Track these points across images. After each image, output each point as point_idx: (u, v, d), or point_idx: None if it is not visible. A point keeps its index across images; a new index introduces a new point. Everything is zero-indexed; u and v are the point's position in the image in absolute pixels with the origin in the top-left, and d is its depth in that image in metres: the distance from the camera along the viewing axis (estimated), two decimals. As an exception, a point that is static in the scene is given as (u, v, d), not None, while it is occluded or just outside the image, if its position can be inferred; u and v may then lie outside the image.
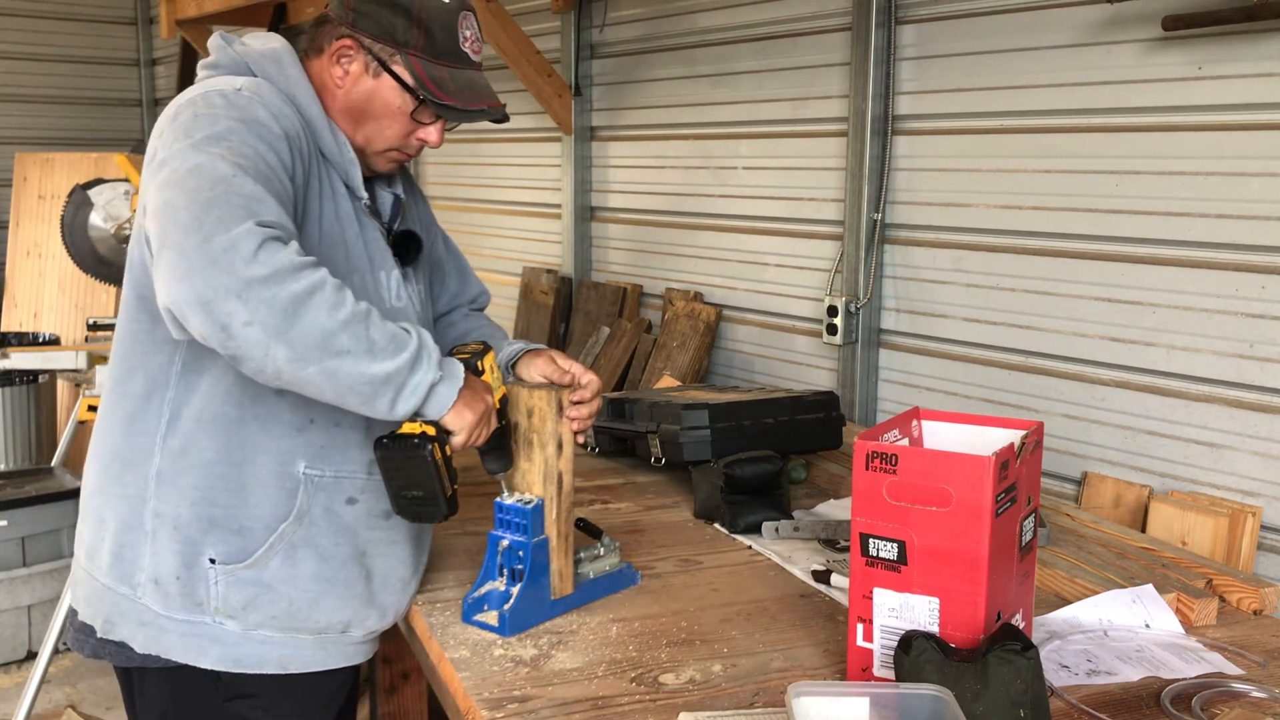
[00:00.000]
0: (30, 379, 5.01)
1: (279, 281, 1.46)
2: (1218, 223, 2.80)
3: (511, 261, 5.66)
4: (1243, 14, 2.61)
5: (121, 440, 1.73)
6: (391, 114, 1.76)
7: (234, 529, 1.70)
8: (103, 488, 1.75)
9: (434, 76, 1.74)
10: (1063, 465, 3.19)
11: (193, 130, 1.56)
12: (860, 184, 3.65)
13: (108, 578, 1.73)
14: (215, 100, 1.61)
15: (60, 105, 8.80)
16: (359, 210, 1.79)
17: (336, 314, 1.50)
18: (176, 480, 1.69)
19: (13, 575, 4.14)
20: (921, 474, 1.48)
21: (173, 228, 1.46)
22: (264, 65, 1.74)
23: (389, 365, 1.55)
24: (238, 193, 1.49)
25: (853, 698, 1.38)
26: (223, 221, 1.45)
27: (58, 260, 6.42)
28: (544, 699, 1.57)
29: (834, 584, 1.99)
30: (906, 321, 3.65)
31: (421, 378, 1.59)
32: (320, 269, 1.53)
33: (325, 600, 1.75)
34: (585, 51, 4.98)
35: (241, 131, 1.58)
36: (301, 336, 1.48)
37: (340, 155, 1.76)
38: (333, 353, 1.50)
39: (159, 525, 1.70)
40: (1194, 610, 1.88)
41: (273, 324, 1.46)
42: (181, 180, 1.50)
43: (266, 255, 1.46)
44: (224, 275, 1.43)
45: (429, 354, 1.60)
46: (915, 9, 3.50)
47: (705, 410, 2.47)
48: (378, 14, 1.73)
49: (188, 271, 1.44)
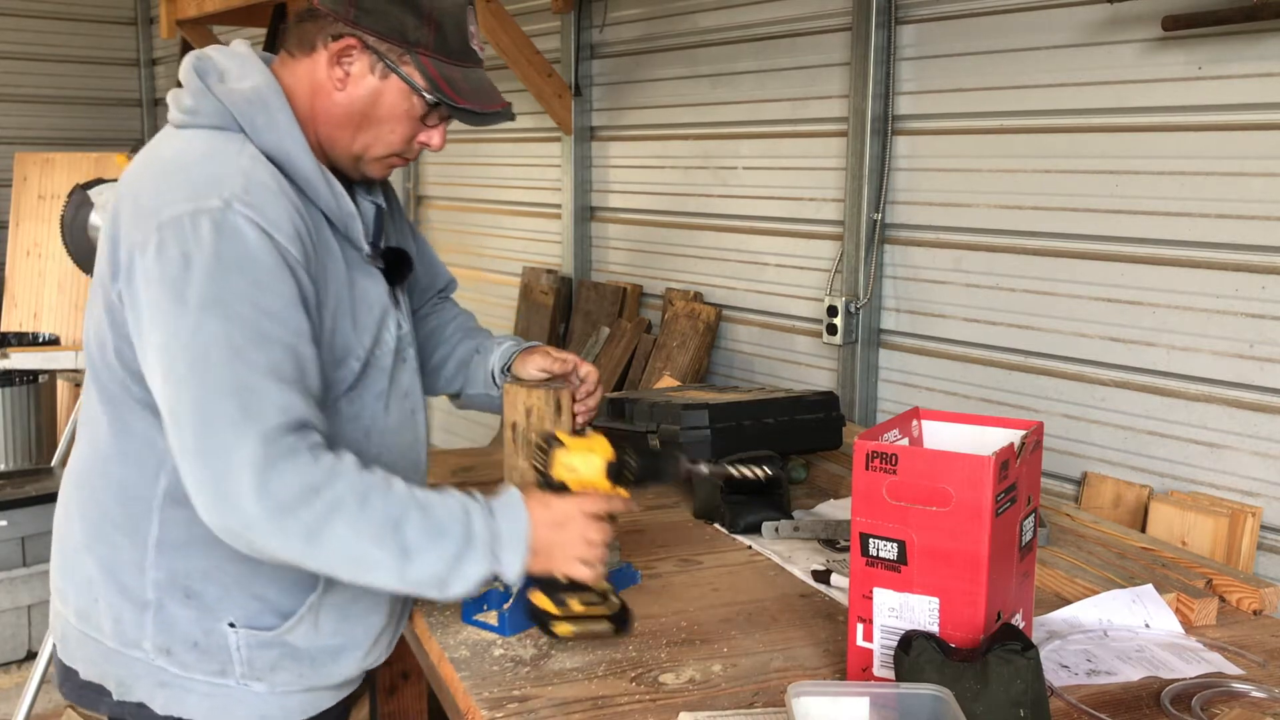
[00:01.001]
0: (30, 379, 5.01)
1: (290, 513, 1.42)
2: (1218, 223, 2.80)
3: (511, 261, 5.65)
4: (1243, 14, 2.60)
5: (113, 503, 1.62)
6: (397, 118, 1.63)
7: (252, 594, 1.61)
8: (91, 547, 1.63)
9: (447, 78, 1.61)
10: (1063, 465, 3.18)
11: (182, 285, 1.45)
12: (860, 184, 3.64)
13: (113, 641, 1.63)
14: (205, 236, 1.46)
15: (60, 105, 8.80)
16: (355, 264, 1.66)
17: (362, 531, 1.45)
18: (181, 550, 1.59)
19: (13, 575, 4.15)
20: (921, 474, 1.48)
21: (183, 453, 1.45)
22: (251, 115, 1.57)
23: (430, 569, 1.48)
24: (235, 393, 1.42)
25: (853, 698, 1.38)
26: (224, 444, 1.41)
27: (58, 260, 6.42)
28: (544, 699, 1.57)
29: (834, 584, 1.99)
30: (906, 321, 3.65)
31: (471, 569, 1.51)
32: (337, 479, 1.45)
33: (346, 655, 1.70)
34: (585, 51, 4.98)
35: (239, 282, 1.46)
36: (328, 560, 1.46)
37: (338, 209, 1.63)
38: (365, 568, 1.47)
39: (164, 595, 1.60)
40: (1194, 610, 1.88)
41: (292, 551, 1.45)
42: (182, 375, 1.44)
43: (276, 483, 1.41)
44: (234, 514, 1.42)
45: (476, 543, 1.51)
46: (915, 9, 3.50)
47: (705, 410, 2.47)
48: (385, 10, 1.58)
49: (205, 508, 1.44)
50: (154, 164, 1.59)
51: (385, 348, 1.71)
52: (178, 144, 1.60)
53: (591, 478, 1.60)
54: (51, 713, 3.76)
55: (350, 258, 1.66)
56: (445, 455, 2.92)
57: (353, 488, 1.46)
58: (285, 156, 1.58)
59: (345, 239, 1.65)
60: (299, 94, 1.63)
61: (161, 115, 9.20)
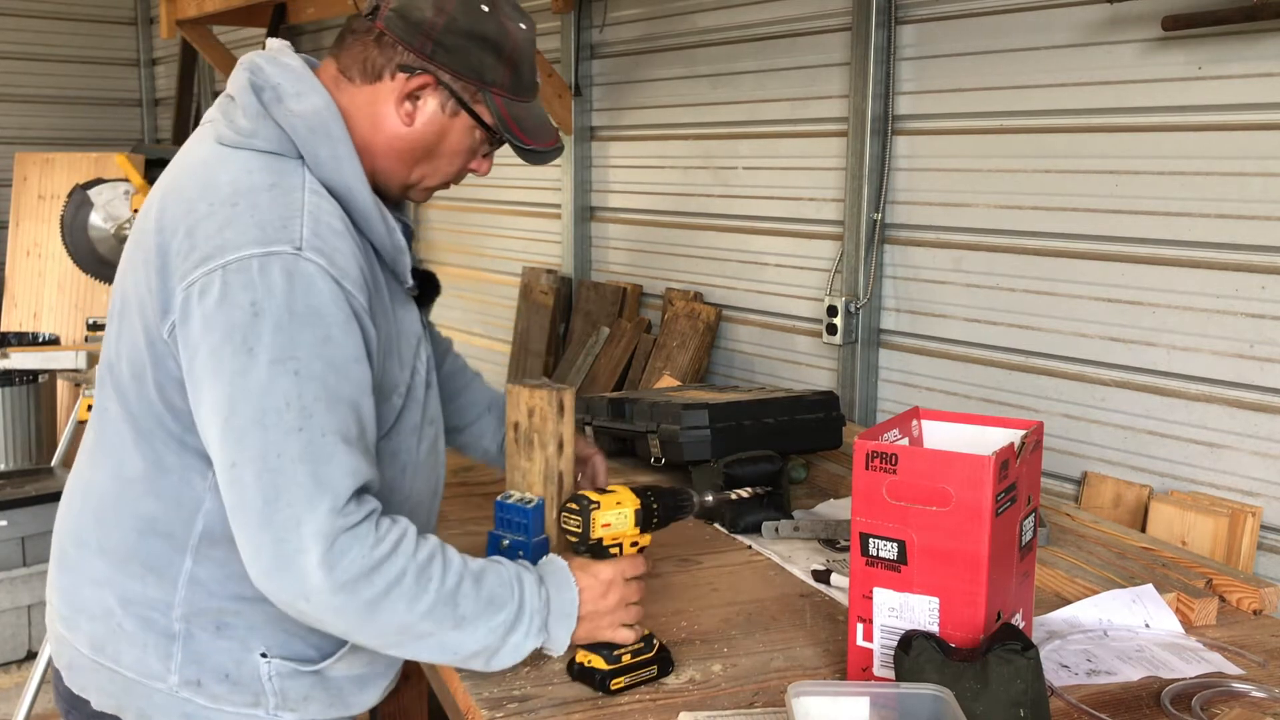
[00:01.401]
0: (30, 379, 5.01)
1: (353, 591, 1.39)
2: (1218, 223, 2.80)
3: (511, 261, 5.65)
4: (1243, 14, 2.61)
5: (140, 539, 1.54)
6: (459, 153, 1.59)
7: (284, 627, 1.55)
8: (113, 581, 1.56)
9: (516, 116, 1.57)
10: (1063, 465, 3.19)
11: (251, 335, 1.37)
12: (860, 184, 3.65)
13: (133, 673, 1.56)
14: (276, 283, 1.38)
15: (60, 105, 8.81)
16: (396, 296, 1.60)
17: (416, 606, 1.43)
18: (213, 586, 1.53)
19: (13, 575, 4.15)
20: (921, 474, 1.48)
21: (242, 512, 1.39)
22: (314, 146, 1.49)
23: (481, 641, 1.47)
24: (307, 458, 1.37)
25: (853, 697, 1.38)
26: (296, 514, 1.36)
27: (58, 260, 6.42)
28: (544, 699, 1.57)
29: (834, 584, 1.99)
30: (906, 321, 3.65)
31: (520, 640, 1.50)
32: (398, 552, 1.42)
33: (372, 684, 1.68)
34: (585, 51, 4.98)
35: (309, 337, 1.39)
36: (379, 632, 1.44)
37: (391, 245, 1.55)
38: (414, 637, 1.45)
39: (194, 628, 1.54)
40: (1194, 610, 1.88)
41: (344, 627, 1.43)
42: (246, 429, 1.37)
43: (336, 559, 1.37)
44: (295, 583, 1.38)
45: (526, 614, 1.50)
46: (915, 9, 3.50)
47: (705, 410, 2.47)
48: (466, 49, 1.51)
49: (260, 573, 1.40)
50: (209, 190, 1.46)
51: (419, 378, 1.67)
52: (234, 169, 1.47)
53: (625, 530, 1.62)
54: (51, 713, 3.76)
55: (393, 290, 1.60)
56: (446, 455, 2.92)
57: (413, 565, 1.44)
58: (346, 191, 1.50)
59: (390, 272, 1.59)
60: (358, 122, 1.54)
61: (162, 115, 9.25)
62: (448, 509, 2.34)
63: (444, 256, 6.23)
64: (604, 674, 1.58)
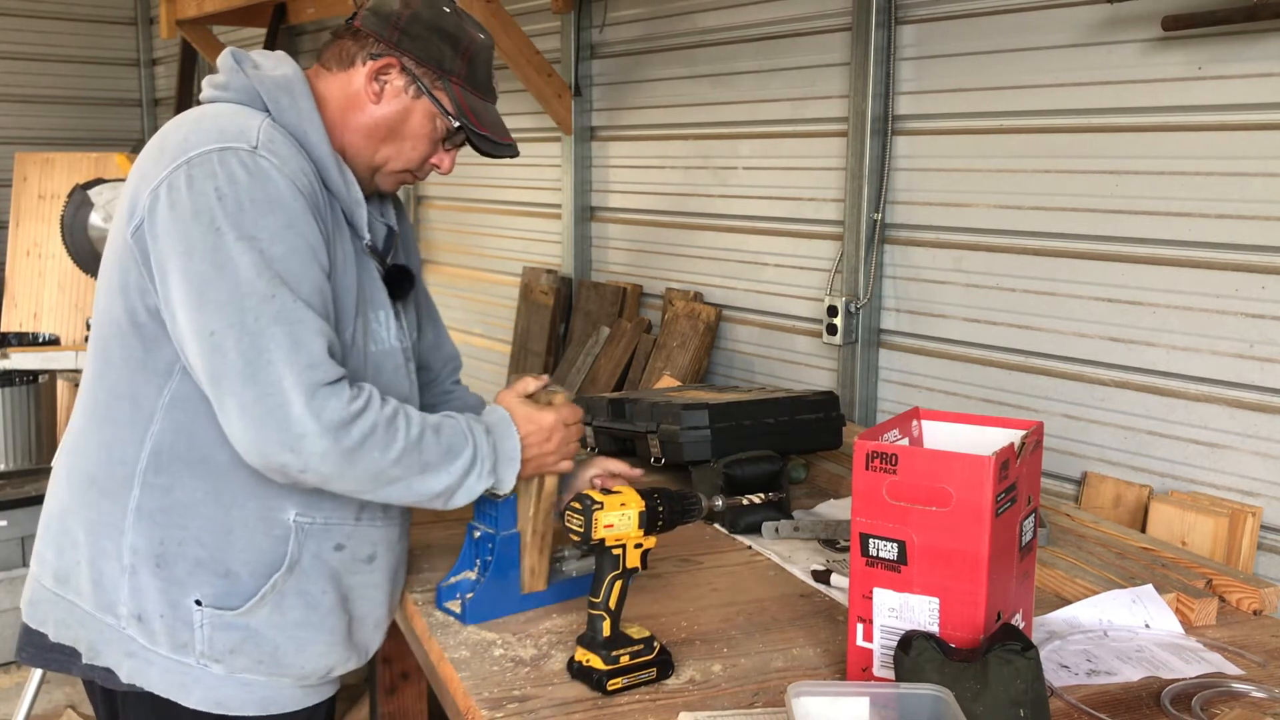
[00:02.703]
0: (30, 379, 5.01)
1: (331, 437, 1.53)
2: (1218, 223, 2.80)
3: (511, 261, 5.66)
4: (1243, 14, 2.61)
5: (97, 466, 1.67)
6: (420, 136, 1.76)
7: (220, 572, 1.65)
8: (74, 510, 1.69)
9: (473, 107, 1.76)
10: (1063, 465, 3.19)
11: (218, 215, 1.53)
12: (860, 184, 3.65)
13: (90, 605, 1.68)
14: (237, 173, 1.56)
15: (60, 105, 8.81)
16: (359, 249, 1.75)
17: (388, 453, 1.58)
18: (158, 517, 1.64)
19: (13, 575, 4.15)
20: (921, 474, 1.48)
21: (225, 375, 1.52)
22: (276, 95, 1.68)
23: (441, 483, 1.65)
24: (282, 320, 1.52)
25: (853, 698, 1.38)
26: (273, 374, 1.51)
27: (58, 260, 6.42)
28: (544, 699, 1.57)
29: (834, 584, 1.99)
30: (906, 321, 3.65)
31: (474, 482, 1.69)
32: (369, 407, 1.57)
33: (311, 647, 1.72)
34: (585, 51, 4.98)
35: (271, 222, 1.55)
36: (356, 478, 1.58)
37: (347, 194, 1.72)
38: (385, 482, 1.60)
39: (138, 561, 1.65)
40: (1194, 610, 1.88)
41: (326, 472, 1.55)
42: (222, 300, 1.52)
43: (319, 408, 1.52)
44: (279, 432, 1.51)
45: (479, 460, 1.69)
46: (915, 9, 3.50)
47: (705, 410, 2.46)
48: (427, 39, 1.73)
49: (245, 428, 1.52)
50: (181, 121, 1.66)
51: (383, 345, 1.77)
52: (204, 110, 1.68)
53: (628, 531, 1.65)
54: (51, 713, 3.76)
55: (358, 245, 1.75)
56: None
57: (382, 414, 1.59)
58: (303, 136, 1.67)
59: (350, 225, 1.74)
60: (331, 100, 1.74)
61: (161, 115, 9.24)
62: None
63: (444, 256, 6.23)
64: (601, 674, 1.58)
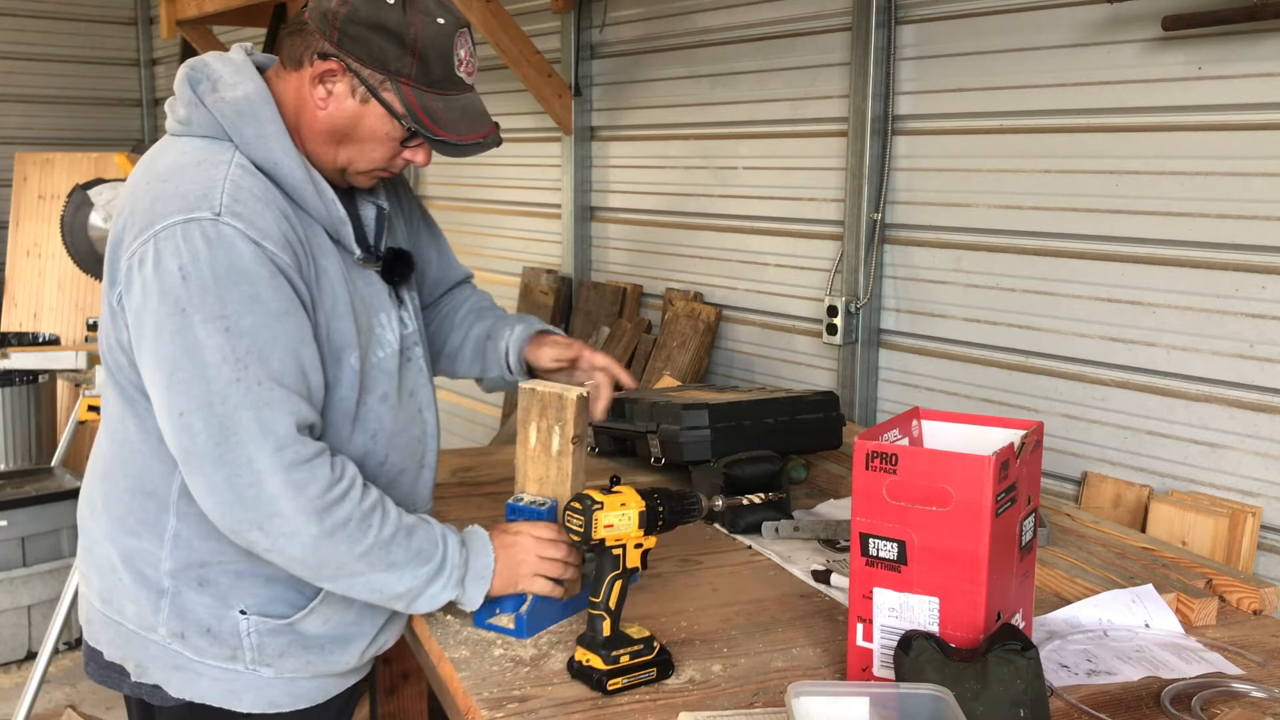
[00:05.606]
0: (30, 379, 5.01)
1: (304, 517, 1.54)
2: (1218, 223, 2.80)
3: (511, 261, 5.65)
4: (1243, 14, 2.60)
5: (133, 497, 1.70)
6: (378, 139, 1.67)
7: (263, 579, 1.69)
8: (113, 538, 1.72)
9: (426, 107, 1.64)
10: (1063, 465, 3.19)
11: (182, 297, 1.52)
12: (860, 184, 3.64)
13: (133, 625, 1.72)
14: (199, 249, 1.52)
15: (60, 105, 8.80)
16: (351, 264, 1.72)
17: (355, 549, 1.58)
18: (195, 543, 1.67)
19: (12, 575, 4.15)
20: (921, 474, 1.48)
21: (194, 455, 1.54)
22: (240, 126, 1.62)
23: (405, 583, 1.64)
24: (249, 404, 1.52)
25: (853, 697, 1.38)
26: (242, 455, 1.52)
27: (58, 260, 6.43)
28: (544, 699, 1.57)
29: (834, 584, 1.99)
30: (906, 321, 3.65)
31: (438, 591, 1.68)
32: (347, 496, 1.57)
33: (355, 642, 1.78)
34: (585, 51, 4.98)
35: (236, 295, 1.53)
36: (318, 564, 1.59)
37: (328, 215, 1.67)
38: (347, 574, 1.61)
39: (180, 584, 1.68)
40: (1194, 610, 1.88)
41: (291, 554, 1.57)
42: (189, 382, 1.52)
43: (298, 487, 1.53)
44: (248, 511, 1.54)
45: (448, 571, 1.68)
46: (915, 9, 3.50)
47: (705, 410, 2.46)
48: (368, 39, 1.60)
49: (214, 505, 1.56)
50: (151, 174, 1.63)
51: (388, 348, 1.76)
52: (172, 153, 1.64)
53: (628, 531, 1.65)
54: (51, 713, 3.76)
55: (347, 260, 1.72)
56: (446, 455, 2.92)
57: (360, 506, 1.60)
58: (273, 167, 1.63)
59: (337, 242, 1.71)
60: (287, 105, 1.67)
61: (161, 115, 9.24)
62: (447, 509, 2.35)
63: (444, 256, 6.22)
64: (601, 674, 1.58)
